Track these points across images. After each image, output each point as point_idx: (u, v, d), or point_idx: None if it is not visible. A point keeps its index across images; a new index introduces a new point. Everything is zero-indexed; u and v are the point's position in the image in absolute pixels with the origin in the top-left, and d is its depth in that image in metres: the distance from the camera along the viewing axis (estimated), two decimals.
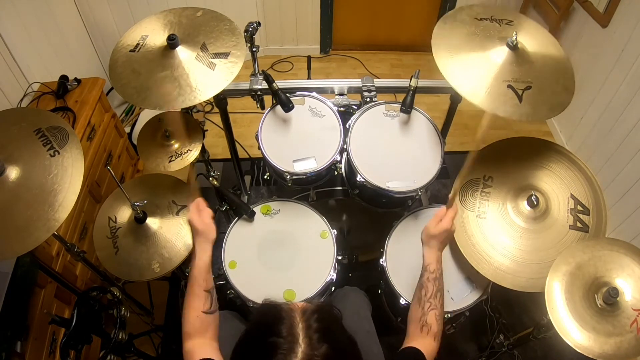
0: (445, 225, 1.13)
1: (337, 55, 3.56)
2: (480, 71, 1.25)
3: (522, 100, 1.21)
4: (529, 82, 1.24)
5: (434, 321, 1.02)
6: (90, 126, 1.99)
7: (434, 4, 3.29)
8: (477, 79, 1.24)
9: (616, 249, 1.15)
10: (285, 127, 1.52)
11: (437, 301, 1.05)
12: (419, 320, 1.03)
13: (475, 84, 1.23)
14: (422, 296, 1.07)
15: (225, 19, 1.44)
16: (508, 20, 1.36)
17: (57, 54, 2.29)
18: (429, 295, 1.06)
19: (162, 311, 2.05)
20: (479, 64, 1.26)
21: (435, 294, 1.06)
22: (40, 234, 1.06)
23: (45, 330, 1.54)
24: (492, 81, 1.23)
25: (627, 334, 1.06)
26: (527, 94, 1.22)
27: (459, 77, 1.25)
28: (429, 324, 1.02)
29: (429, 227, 1.15)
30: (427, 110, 1.52)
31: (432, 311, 1.04)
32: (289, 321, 0.72)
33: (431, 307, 1.04)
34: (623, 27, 2.24)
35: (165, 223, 1.38)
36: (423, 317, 1.03)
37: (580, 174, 1.34)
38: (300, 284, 1.38)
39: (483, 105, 1.20)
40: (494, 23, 1.35)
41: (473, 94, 1.22)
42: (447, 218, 1.14)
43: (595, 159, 2.44)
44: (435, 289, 1.07)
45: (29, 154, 1.13)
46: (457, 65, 1.26)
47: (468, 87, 1.23)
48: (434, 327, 1.02)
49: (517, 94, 1.22)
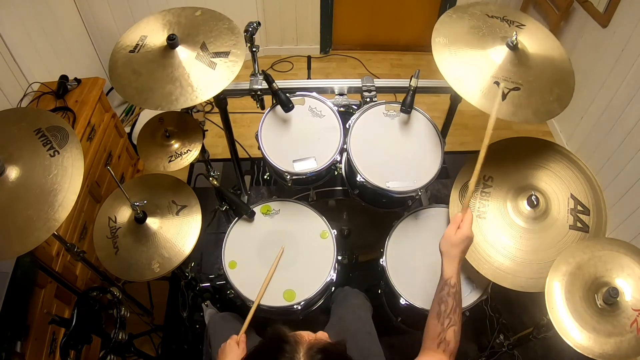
0: (466, 232, 1.07)
1: (337, 55, 3.56)
2: (473, 65, 1.26)
3: (504, 99, 1.22)
4: (518, 84, 1.24)
5: (452, 338, 0.97)
6: (90, 126, 1.99)
7: (434, 4, 3.29)
8: (468, 69, 1.25)
9: (616, 249, 1.15)
10: (285, 127, 1.52)
11: (456, 317, 1.00)
12: (437, 336, 0.98)
13: (465, 73, 1.24)
14: (441, 312, 1.00)
15: (225, 18, 1.44)
16: (519, 24, 1.36)
17: (57, 54, 2.29)
18: (449, 311, 1.00)
19: (162, 311, 2.05)
20: (474, 58, 1.27)
21: (455, 309, 1.01)
22: (40, 234, 1.06)
23: (45, 330, 1.54)
24: (481, 74, 1.24)
25: (627, 334, 1.06)
26: (513, 94, 1.23)
27: (449, 63, 1.26)
28: (447, 340, 0.97)
29: (449, 235, 1.07)
30: (427, 110, 1.52)
31: (452, 327, 0.98)
32: (291, 355, 0.70)
33: (451, 323, 0.99)
34: (623, 27, 2.24)
35: (165, 223, 1.38)
36: (442, 334, 0.98)
37: (580, 174, 1.34)
38: (300, 284, 1.38)
39: (468, 97, 1.21)
40: (503, 23, 1.35)
41: (456, 80, 1.23)
42: (465, 223, 1.08)
43: (595, 159, 2.44)
44: (455, 303, 1.01)
45: (29, 154, 1.13)
46: (451, 52, 1.27)
47: (455, 73, 1.24)
48: (452, 344, 0.97)
49: (502, 92, 1.22)
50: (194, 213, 1.41)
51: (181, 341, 1.93)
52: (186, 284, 1.77)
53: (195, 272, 1.87)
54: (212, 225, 2.23)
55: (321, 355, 0.70)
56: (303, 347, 0.71)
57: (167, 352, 1.92)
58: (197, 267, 2.10)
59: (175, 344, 1.94)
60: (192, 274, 1.74)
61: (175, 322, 1.96)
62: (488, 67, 1.26)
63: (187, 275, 1.71)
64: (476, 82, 1.24)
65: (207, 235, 2.10)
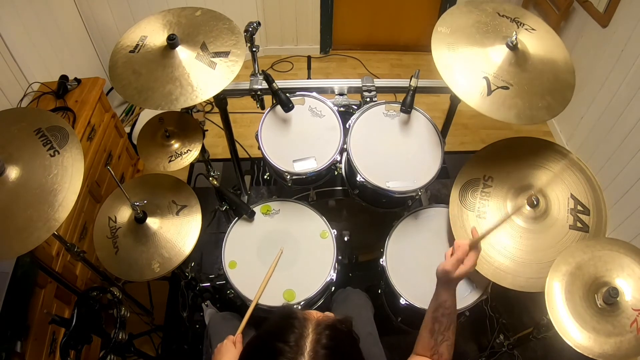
0: (469, 270, 1.02)
1: (337, 55, 3.56)
2: (469, 60, 1.27)
3: (490, 94, 1.22)
4: (509, 83, 1.24)
5: (445, 351, 1.00)
6: (90, 126, 1.99)
7: (434, 4, 3.29)
8: (464, 63, 1.26)
9: (616, 249, 1.15)
10: (285, 127, 1.52)
11: (450, 333, 1.01)
12: (430, 349, 1.00)
13: (460, 67, 1.25)
14: (435, 330, 1.01)
15: (224, 18, 1.44)
16: (530, 28, 1.36)
17: (57, 54, 2.29)
18: (442, 329, 1.01)
19: (162, 311, 2.05)
20: (472, 53, 1.28)
21: (449, 326, 1.01)
22: (40, 234, 1.06)
23: (45, 330, 1.53)
24: (475, 68, 1.25)
25: (627, 334, 1.06)
26: (500, 91, 1.23)
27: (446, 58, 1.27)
28: (440, 352, 1.00)
29: (449, 271, 1.01)
30: (427, 110, 1.52)
31: (445, 342, 1.00)
32: (300, 331, 0.71)
33: (444, 339, 1.00)
34: (623, 27, 2.24)
35: (165, 223, 1.38)
36: (435, 347, 1.00)
37: (580, 174, 1.34)
38: (300, 283, 1.38)
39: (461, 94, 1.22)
40: (513, 24, 1.35)
41: (446, 66, 1.24)
42: (470, 262, 1.02)
43: (595, 159, 2.44)
44: (450, 322, 1.02)
45: (29, 154, 1.13)
46: (449, 46, 1.28)
47: (448, 61, 1.25)
48: (445, 355, 0.99)
49: (489, 87, 1.22)
50: (194, 213, 1.41)
51: (181, 341, 1.93)
52: (186, 284, 1.77)
53: (195, 272, 1.87)
54: (212, 225, 2.23)
55: (329, 332, 0.72)
56: (312, 324, 0.73)
57: (167, 352, 1.92)
58: (197, 267, 2.09)
59: (175, 344, 1.94)
60: (192, 274, 1.74)
61: (175, 322, 1.96)
62: (484, 64, 1.27)
63: (187, 275, 1.71)
64: (470, 78, 1.24)
65: (207, 235, 2.11)
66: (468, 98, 1.23)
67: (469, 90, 1.24)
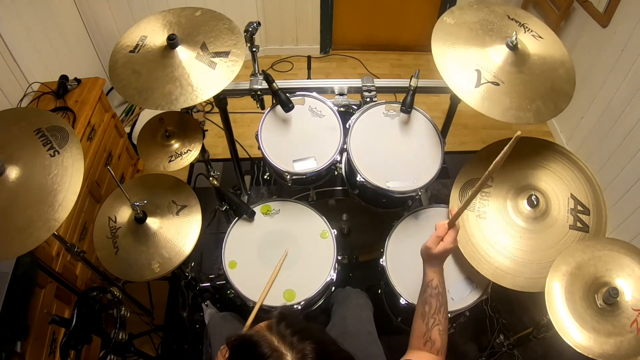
0: (448, 246, 1.06)
1: (337, 55, 3.56)
2: (468, 55, 1.27)
3: (477, 86, 1.23)
4: (500, 80, 1.24)
5: (437, 337, 1.01)
6: (90, 126, 1.99)
7: (434, 4, 3.29)
8: (462, 58, 1.27)
9: (616, 249, 1.15)
10: (285, 127, 1.52)
11: (441, 316, 1.03)
12: (422, 336, 1.02)
13: (458, 62, 1.26)
14: (425, 312, 1.04)
15: (224, 18, 1.44)
16: (538, 35, 1.36)
17: (57, 54, 2.29)
18: (432, 311, 1.03)
19: (162, 311, 2.05)
20: (471, 45, 1.29)
21: (439, 309, 1.04)
22: (40, 234, 1.06)
23: (45, 330, 1.54)
24: (471, 63, 1.25)
25: (627, 334, 1.06)
26: (489, 86, 1.23)
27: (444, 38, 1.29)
28: (432, 339, 1.01)
29: (430, 247, 1.06)
30: (427, 110, 1.52)
31: (436, 327, 1.02)
32: (265, 341, 0.72)
33: (435, 322, 1.02)
34: (623, 27, 2.24)
35: (165, 223, 1.38)
36: (427, 333, 1.01)
37: (580, 174, 1.34)
38: (300, 283, 1.38)
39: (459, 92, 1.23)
40: (520, 28, 1.36)
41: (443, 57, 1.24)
42: (449, 238, 1.06)
43: (595, 159, 2.44)
44: (439, 304, 1.04)
45: (29, 154, 1.13)
46: (449, 32, 1.30)
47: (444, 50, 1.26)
48: (438, 343, 1.00)
49: (478, 79, 1.23)
50: (194, 213, 1.41)
51: (181, 341, 1.93)
52: (186, 284, 1.77)
53: (195, 272, 1.87)
54: (212, 225, 2.23)
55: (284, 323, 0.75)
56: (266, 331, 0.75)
57: (167, 352, 1.92)
58: (197, 267, 2.09)
59: (175, 344, 1.94)
60: (192, 274, 1.74)
61: (175, 322, 1.96)
62: (480, 58, 1.27)
63: (187, 275, 1.71)
64: (463, 70, 1.25)
65: (207, 235, 2.11)
66: (455, 86, 1.24)
67: (458, 79, 1.25)
